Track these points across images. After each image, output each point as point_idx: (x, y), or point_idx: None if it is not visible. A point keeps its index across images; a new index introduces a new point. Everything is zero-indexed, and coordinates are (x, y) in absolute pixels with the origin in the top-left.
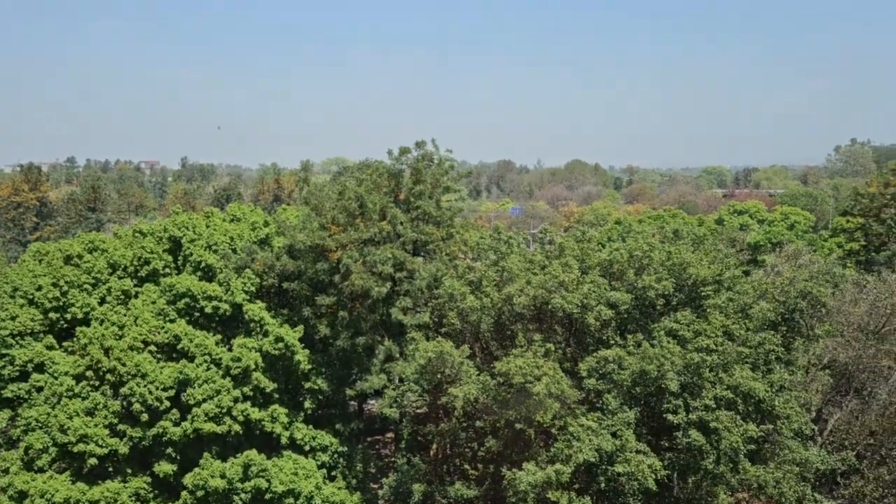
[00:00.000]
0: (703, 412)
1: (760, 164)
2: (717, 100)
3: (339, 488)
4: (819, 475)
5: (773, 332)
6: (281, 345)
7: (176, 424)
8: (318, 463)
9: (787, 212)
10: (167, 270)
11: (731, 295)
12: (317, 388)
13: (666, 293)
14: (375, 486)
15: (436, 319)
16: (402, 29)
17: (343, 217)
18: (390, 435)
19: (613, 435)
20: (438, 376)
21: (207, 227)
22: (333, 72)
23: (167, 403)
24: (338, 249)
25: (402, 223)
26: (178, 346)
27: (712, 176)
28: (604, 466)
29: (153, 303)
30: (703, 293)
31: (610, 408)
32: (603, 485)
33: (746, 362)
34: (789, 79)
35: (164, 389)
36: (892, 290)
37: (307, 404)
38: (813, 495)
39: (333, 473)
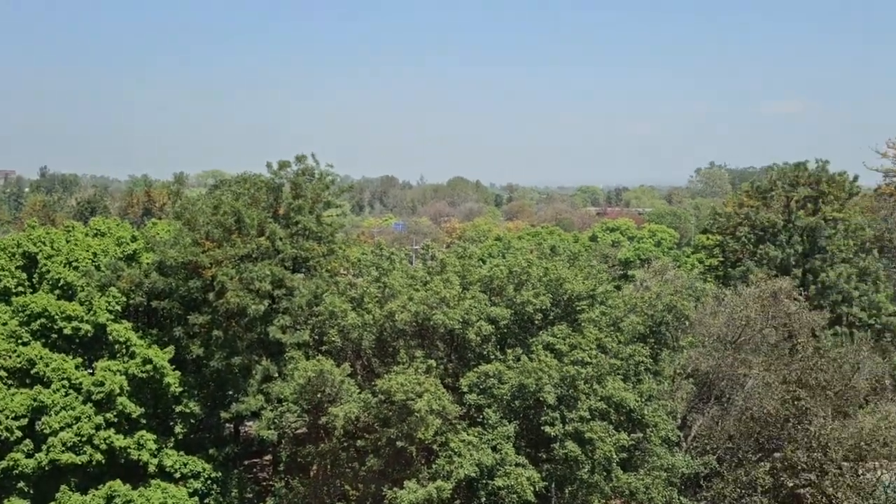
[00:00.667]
0: (579, 423)
1: (630, 184)
2: (593, 121)
3: None
4: (684, 479)
5: (642, 344)
6: (149, 367)
7: (29, 456)
8: (190, 491)
9: (654, 229)
10: (20, 289)
11: (604, 309)
12: (189, 411)
13: (543, 308)
14: None
15: (316, 337)
16: (278, 34)
17: (218, 232)
18: (268, 458)
19: (493, 449)
20: (319, 396)
21: (68, 241)
22: (210, 80)
23: (19, 433)
24: (212, 266)
25: (281, 239)
26: (33, 371)
27: (586, 194)
28: (484, 481)
29: (4, 324)
30: (578, 307)
31: (490, 422)
32: (483, 499)
33: (618, 374)
34: (657, 105)
35: (16, 418)
36: (746, 303)
37: (178, 429)
38: (679, 499)
39: (207, 501)
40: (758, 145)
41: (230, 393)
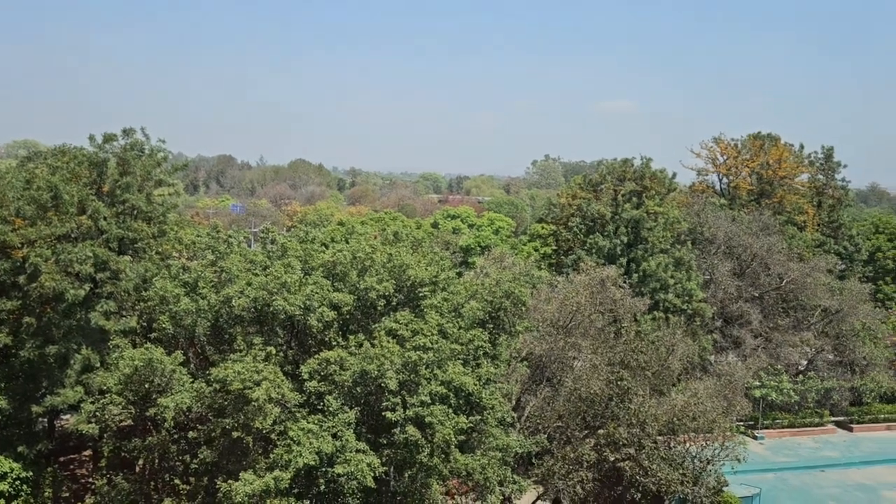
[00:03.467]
0: (420, 408)
1: (471, 173)
2: (441, 109)
3: None
4: (517, 458)
5: (481, 329)
6: None
7: None
8: None
9: (493, 218)
10: None
11: (446, 295)
12: None
13: (387, 294)
14: None
15: (145, 324)
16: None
17: (31, 209)
18: (88, 453)
19: (334, 436)
20: (147, 386)
21: None
22: (38, 47)
23: None
24: (24, 246)
25: (105, 218)
26: None
27: (429, 182)
28: (324, 468)
29: None
30: (420, 294)
31: (331, 409)
32: (323, 487)
33: (459, 358)
34: (498, 98)
35: None
36: (577, 290)
37: None
38: (513, 477)
39: (16, 503)
40: (589, 141)
41: (44, 385)
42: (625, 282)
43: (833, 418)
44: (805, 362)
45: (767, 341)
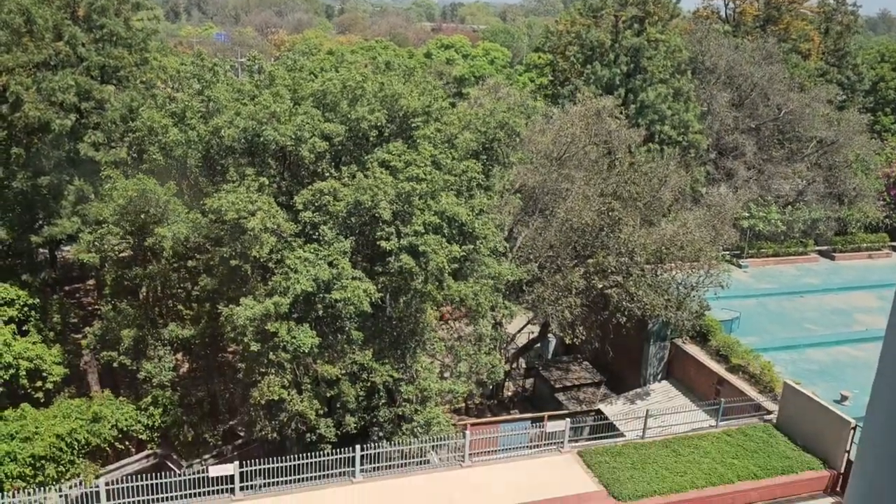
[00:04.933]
0: (413, 237)
1: (466, 0)
2: None
3: (34, 343)
4: (509, 285)
5: (475, 160)
6: None
7: None
8: (5, 318)
9: (488, 48)
10: None
11: (439, 126)
12: None
13: (379, 124)
14: (78, 336)
15: (135, 155)
16: None
17: (5, 35)
18: (92, 282)
19: (330, 265)
20: (143, 217)
21: None
22: None
23: None
24: (2, 74)
25: (83, 44)
26: None
27: (421, 9)
28: (321, 294)
29: None
30: (413, 124)
31: (326, 239)
32: (321, 312)
33: (452, 189)
34: None
35: None
36: (572, 120)
37: None
38: (504, 303)
39: (26, 328)
40: None
41: (40, 216)
42: (621, 113)
43: (817, 248)
44: (795, 194)
45: (760, 173)
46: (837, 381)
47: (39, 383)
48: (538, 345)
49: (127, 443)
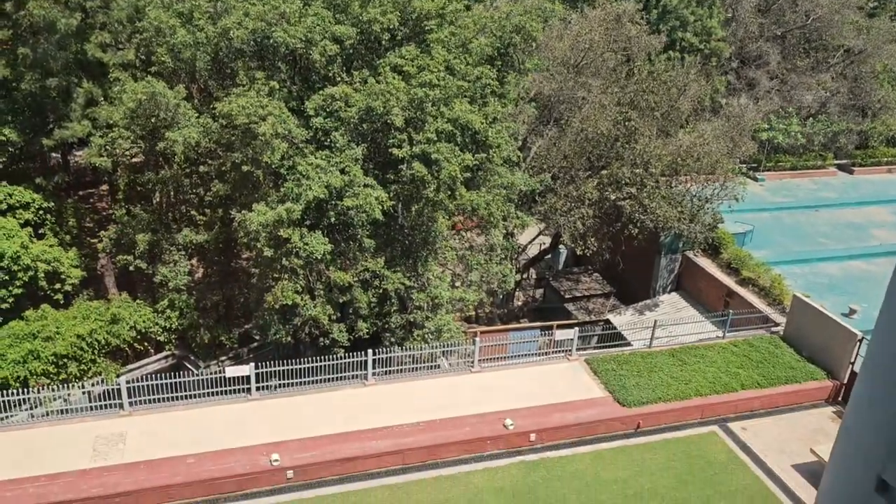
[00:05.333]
0: (426, 145)
1: None
2: None
3: (51, 246)
4: (521, 196)
5: (489, 66)
6: None
7: None
8: (22, 222)
9: None
10: None
11: (454, 29)
12: (4, 139)
13: (391, 27)
14: (94, 240)
15: (143, 57)
16: None
17: None
18: (105, 187)
19: (342, 171)
20: (153, 120)
21: None
22: None
23: None
24: None
25: None
26: None
27: None
28: (334, 202)
29: None
30: (426, 27)
31: (338, 145)
32: (333, 219)
33: (465, 96)
34: None
35: None
36: (591, 26)
37: None
38: (516, 213)
39: (42, 231)
40: None
41: (50, 119)
42: (642, 18)
43: (836, 161)
44: (818, 105)
45: (783, 83)
46: (847, 294)
47: (58, 286)
48: (549, 256)
49: (146, 344)
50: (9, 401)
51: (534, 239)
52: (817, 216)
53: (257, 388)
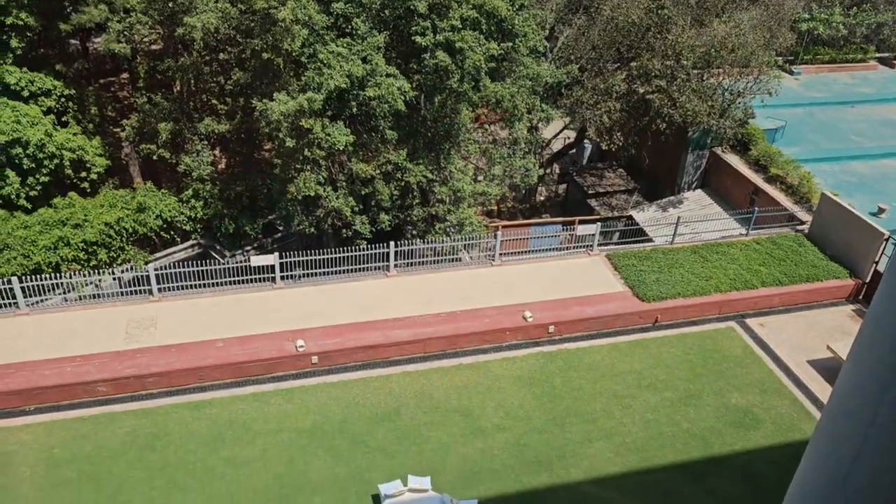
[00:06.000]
0: (450, 33)
1: None
2: None
3: (75, 134)
4: (547, 88)
5: None
6: None
7: None
8: (44, 109)
9: None
10: None
11: None
12: (22, 23)
13: None
14: (116, 129)
15: None
16: None
17: None
18: (126, 75)
19: (364, 60)
20: (170, 5)
21: None
22: None
23: None
24: None
25: None
26: None
27: None
28: (355, 91)
29: None
30: None
31: (359, 33)
32: (355, 109)
33: None
34: None
35: None
36: None
37: (14, 43)
38: (541, 105)
39: (65, 119)
40: None
41: (67, 2)
42: None
43: (878, 55)
44: None
45: None
46: (877, 194)
47: (84, 174)
48: (573, 150)
49: (172, 233)
50: (43, 285)
51: (558, 133)
52: (853, 112)
53: (282, 278)
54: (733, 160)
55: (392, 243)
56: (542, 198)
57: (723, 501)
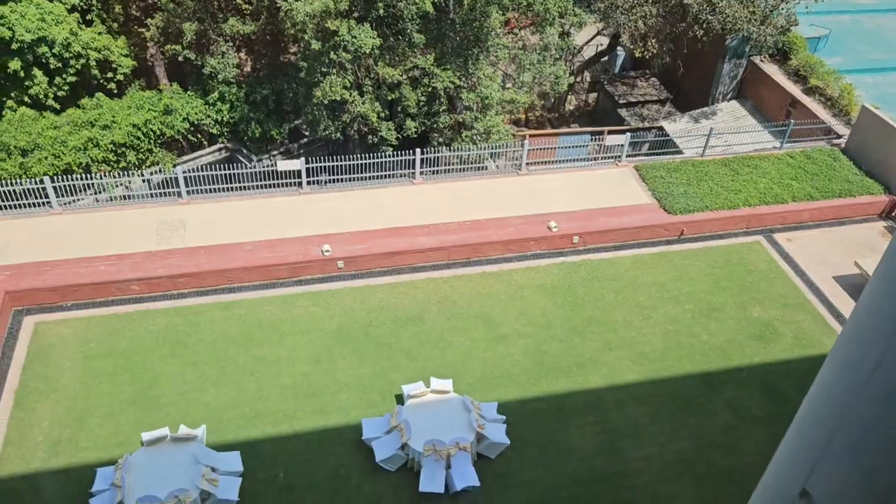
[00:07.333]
0: None
1: None
2: None
3: (100, 33)
4: None
5: None
6: None
7: None
8: (68, 7)
9: None
10: None
11: None
12: None
13: None
14: (141, 29)
15: None
16: None
17: None
18: None
19: None
20: None
21: None
22: None
23: None
24: None
25: None
26: None
27: None
28: None
29: None
30: None
31: None
32: (382, 11)
33: None
34: None
35: None
36: None
37: None
38: (573, 10)
39: (90, 17)
40: None
41: None
42: None
43: None
44: None
45: None
46: None
47: (110, 75)
48: (606, 58)
49: (199, 136)
50: (75, 185)
51: (590, 39)
52: None
53: (308, 183)
54: (772, 70)
55: (418, 150)
56: (571, 107)
57: (739, 410)
